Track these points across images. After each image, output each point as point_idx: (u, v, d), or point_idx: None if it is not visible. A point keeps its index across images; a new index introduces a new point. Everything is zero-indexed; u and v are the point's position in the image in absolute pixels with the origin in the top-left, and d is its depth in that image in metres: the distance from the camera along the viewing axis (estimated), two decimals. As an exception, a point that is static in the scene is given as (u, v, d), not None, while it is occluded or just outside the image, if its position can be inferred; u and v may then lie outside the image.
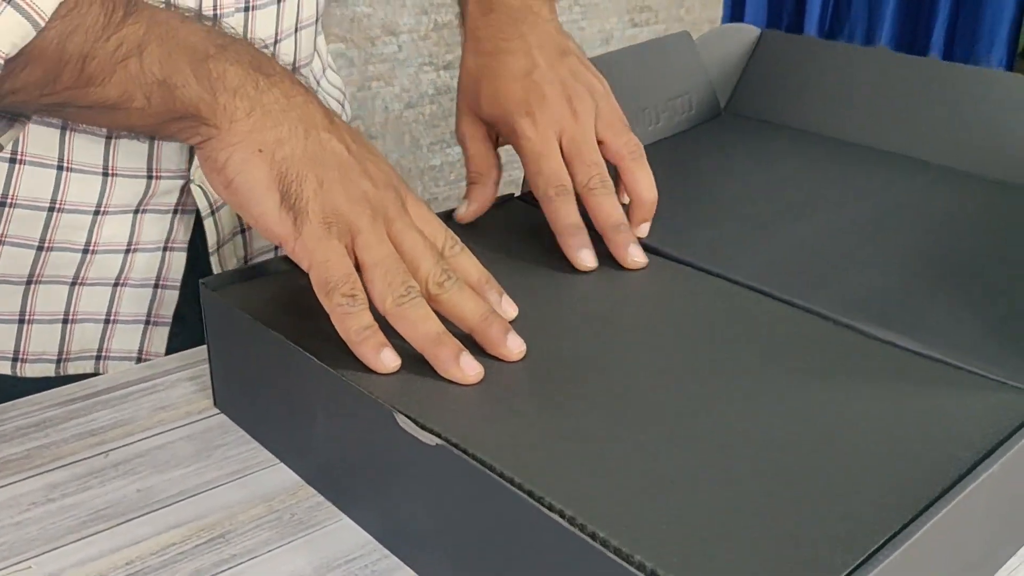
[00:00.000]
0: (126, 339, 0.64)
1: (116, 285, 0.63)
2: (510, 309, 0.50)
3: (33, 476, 0.48)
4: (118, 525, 0.45)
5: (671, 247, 0.57)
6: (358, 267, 0.46)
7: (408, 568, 0.43)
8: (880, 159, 0.68)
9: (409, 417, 0.41)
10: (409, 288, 0.46)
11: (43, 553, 0.43)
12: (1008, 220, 0.60)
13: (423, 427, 0.40)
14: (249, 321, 0.48)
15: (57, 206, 0.59)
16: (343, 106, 0.77)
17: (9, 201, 0.58)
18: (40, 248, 0.60)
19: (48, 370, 0.63)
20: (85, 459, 0.50)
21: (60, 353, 0.63)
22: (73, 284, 0.62)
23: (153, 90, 0.46)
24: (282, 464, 0.50)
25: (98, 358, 0.64)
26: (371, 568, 0.43)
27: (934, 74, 0.70)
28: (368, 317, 0.45)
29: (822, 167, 0.68)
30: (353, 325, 0.45)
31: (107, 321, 0.63)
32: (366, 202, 0.47)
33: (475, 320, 0.46)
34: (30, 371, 0.62)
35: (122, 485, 0.48)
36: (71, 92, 0.46)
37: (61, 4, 0.44)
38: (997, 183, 0.63)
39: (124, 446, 0.51)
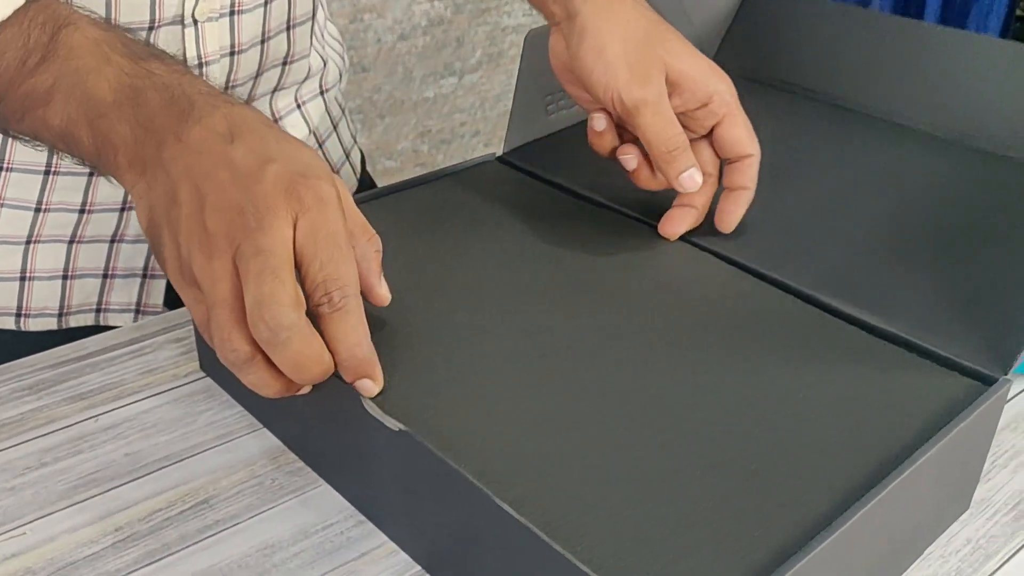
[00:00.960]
0: (124, 293, 0.66)
1: (113, 242, 0.65)
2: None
3: (27, 441, 0.51)
4: (108, 491, 0.48)
5: (640, 212, 0.59)
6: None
7: (382, 534, 0.46)
8: (864, 123, 0.68)
9: (375, 402, 0.43)
10: (232, 352, 0.41)
11: (37, 519, 0.46)
12: (987, 191, 0.61)
13: (389, 413, 0.42)
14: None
15: (53, 170, 0.61)
16: (343, 58, 0.77)
17: (5, 165, 0.60)
18: (38, 210, 0.61)
19: (50, 324, 0.65)
20: (76, 423, 0.52)
21: (61, 308, 0.65)
22: (71, 242, 0.63)
23: (58, 139, 0.47)
24: (264, 429, 0.52)
25: (98, 311, 0.66)
26: (346, 535, 0.46)
27: (924, 37, 0.69)
28: (242, 346, 0.41)
29: (804, 129, 0.68)
30: (225, 356, 0.42)
31: (105, 276, 0.65)
32: (205, 236, 0.42)
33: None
34: (33, 325, 0.64)
35: (111, 450, 0.50)
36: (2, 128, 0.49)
37: None
38: (980, 152, 0.64)
39: (113, 410, 0.53)
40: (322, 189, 0.42)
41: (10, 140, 0.58)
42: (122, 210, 0.64)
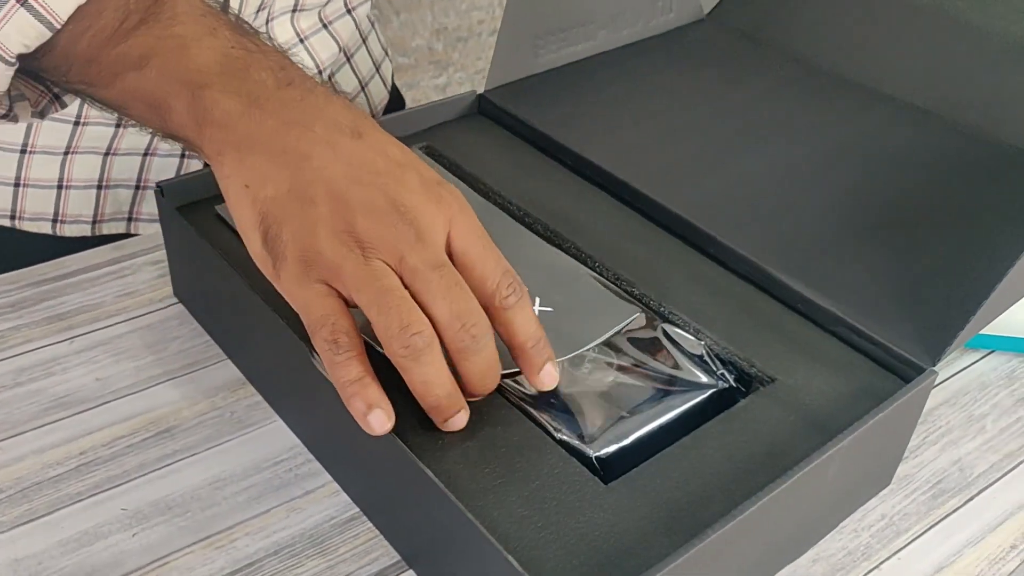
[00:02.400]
0: (155, 203, 0.68)
1: (145, 155, 0.67)
2: (548, 380, 0.44)
3: (3, 360, 0.53)
4: (76, 414, 0.50)
5: (612, 166, 0.59)
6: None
7: (328, 474, 0.49)
8: (848, 90, 0.67)
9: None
10: (414, 336, 0.39)
11: (8, 438, 0.49)
12: (961, 170, 0.60)
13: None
14: (195, 236, 0.52)
15: None
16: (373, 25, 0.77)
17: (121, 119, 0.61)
18: (76, 123, 0.63)
19: (84, 230, 0.68)
20: (52, 344, 0.54)
21: (95, 215, 0.68)
22: (106, 154, 0.65)
23: (146, 108, 0.45)
24: (228, 360, 0.55)
25: (129, 219, 0.69)
26: (295, 472, 0.49)
27: (929, 7, 0.68)
28: (355, 367, 0.40)
29: (787, 93, 0.67)
30: (338, 376, 0.40)
31: (137, 187, 0.68)
32: (354, 240, 0.40)
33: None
34: (68, 231, 0.67)
35: (83, 373, 0.53)
36: (80, 87, 0.47)
37: (78, 8, 0.45)
38: (962, 128, 0.63)
39: (88, 333, 0.55)
40: (458, 192, 0.43)
41: None
42: None
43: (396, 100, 0.82)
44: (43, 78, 0.50)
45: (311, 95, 0.43)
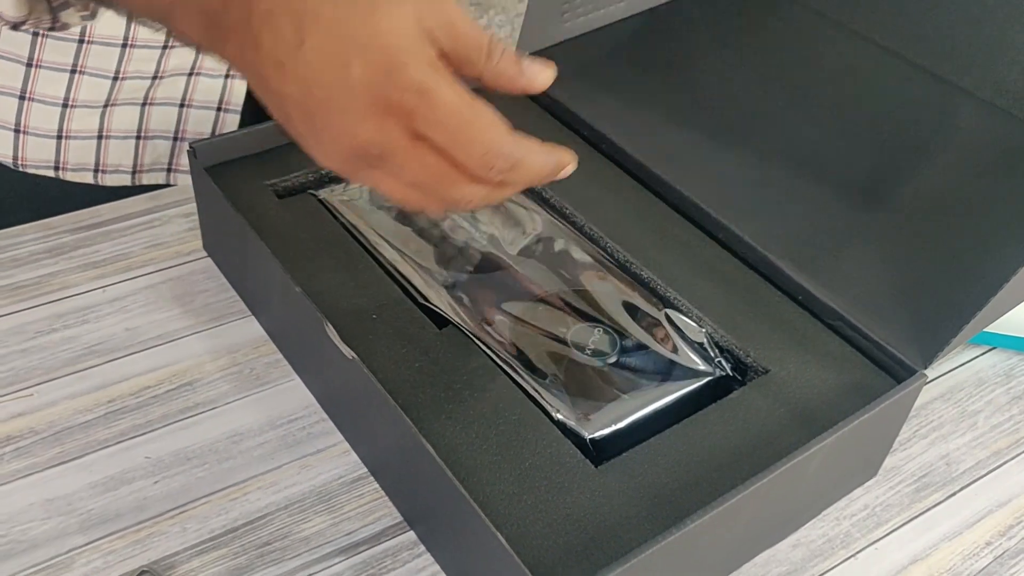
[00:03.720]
0: None
1: (182, 106, 0.69)
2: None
3: (41, 305, 0.56)
4: (107, 363, 0.53)
5: (627, 143, 0.60)
6: None
7: (340, 434, 0.51)
8: (884, 60, 0.67)
9: (336, 328, 0.47)
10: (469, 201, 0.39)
11: (44, 382, 0.52)
12: (987, 153, 0.60)
13: (345, 340, 0.47)
14: (222, 198, 0.54)
15: (129, 43, 0.64)
16: None
17: (86, 38, 0.63)
18: (115, 79, 0.65)
19: (125, 180, 0.70)
20: (86, 292, 0.57)
21: (134, 166, 0.70)
22: (143, 104, 0.67)
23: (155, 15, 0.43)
24: (252, 317, 0.57)
25: (168, 170, 0.71)
26: (307, 430, 0.51)
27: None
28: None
29: (819, 59, 0.67)
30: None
31: (175, 139, 0.70)
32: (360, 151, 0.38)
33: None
34: (109, 181, 0.70)
35: (114, 323, 0.56)
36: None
37: None
38: (995, 109, 0.62)
39: (120, 282, 0.58)
40: (415, 78, 0.37)
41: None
42: (190, 75, 0.68)
43: None
44: None
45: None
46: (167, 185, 0.71)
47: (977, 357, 0.58)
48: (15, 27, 0.52)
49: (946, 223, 0.55)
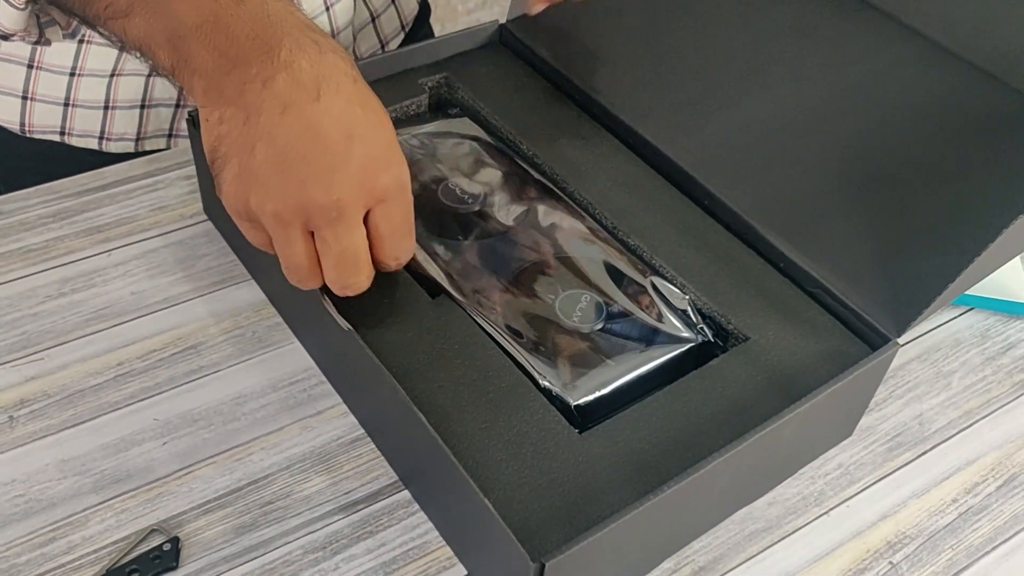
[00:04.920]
0: None
1: None
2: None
3: (50, 269, 0.58)
4: (114, 326, 0.56)
5: (619, 108, 0.61)
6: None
7: (337, 396, 0.54)
8: (874, 22, 0.67)
9: (333, 302, 0.49)
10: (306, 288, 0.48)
11: (55, 346, 0.55)
12: (973, 117, 0.61)
13: (341, 312, 0.48)
14: (222, 167, 0.55)
15: None
16: None
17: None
18: (122, 48, 0.66)
19: (128, 147, 0.72)
20: (92, 256, 0.59)
21: (138, 133, 0.71)
22: (149, 76, 0.68)
23: (135, 51, 0.48)
24: (252, 280, 0.59)
25: (169, 136, 0.73)
26: (308, 392, 0.54)
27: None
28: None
29: (802, 23, 0.67)
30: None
31: (177, 106, 0.71)
32: (272, 201, 0.44)
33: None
34: (113, 148, 0.71)
35: (120, 287, 0.58)
36: (86, 23, 0.50)
37: None
38: (982, 72, 0.63)
39: (124, 246, 0.60)
40: (401, 175, 0.45)
41: None
42: None
43: (425, 11, 0.84)
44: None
45: (281, 48, 0.44)
46: (167, 149, 0.72)
47: (955, 318, 0.60)
48: (4, 38, 0.53)
49: (936, 181, 0.56)
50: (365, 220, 0.45)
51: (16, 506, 0.48)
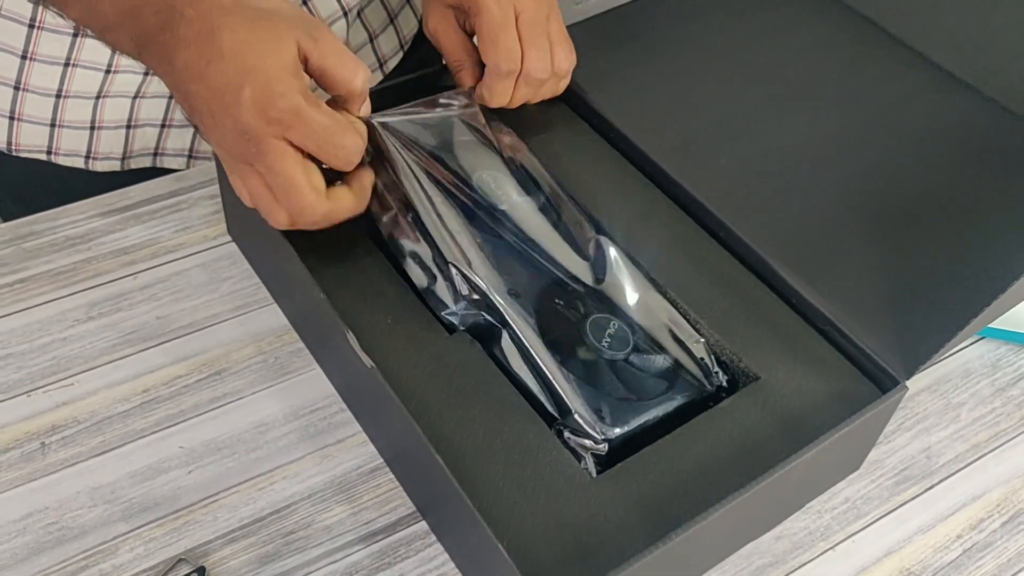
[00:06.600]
0: (179, 140, 0.73)
1: (171, 97, 0.71)
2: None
3: (78, 292, 0.60)
4: (140, 352, 0.57)
5: (634, 133, 0.61)
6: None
7: (357, 424, 0.55)
8: (896, 52, 0.67)
9: (356, 336, 0.50)
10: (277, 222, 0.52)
11: (84, 371, 0.56)
12: (990, 153, 0.61)
13: (364, 348, 0.50)
14: (245, 199, 0.56)
15: None
16: None
17: (81, 32, 0.65)
18: (108, 71, 0.67)
19: (114, 165, 0.73)
20: (118, 279, 0.61)
21: (124, 152, 0.72)
22: (135, 98, 0.69)
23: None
24: (275, 304, 0.60)
25: (155, 155, 0.74)
26: (328, 420, 0.55)
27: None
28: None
29: (819, 50, 0.67)
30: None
31: (163, 126, 0.72)
32: (216, 148, 0.52)
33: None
34: (99, 167, 0.72)
35: (145, 311, 0.59)
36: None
37: None
38: (994, 104, 0.63)
39: (150, 268, 0.61)
40: (292, 101, 0.48)
41: None
42: None
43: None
44: None
45: (177, 22, 0.49)
46: (154, 168, 0.73)
47: (966, 348, 0.61)
48: None
49: (939, 228, 0.57)
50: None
51: (49, 533, 0.50)
